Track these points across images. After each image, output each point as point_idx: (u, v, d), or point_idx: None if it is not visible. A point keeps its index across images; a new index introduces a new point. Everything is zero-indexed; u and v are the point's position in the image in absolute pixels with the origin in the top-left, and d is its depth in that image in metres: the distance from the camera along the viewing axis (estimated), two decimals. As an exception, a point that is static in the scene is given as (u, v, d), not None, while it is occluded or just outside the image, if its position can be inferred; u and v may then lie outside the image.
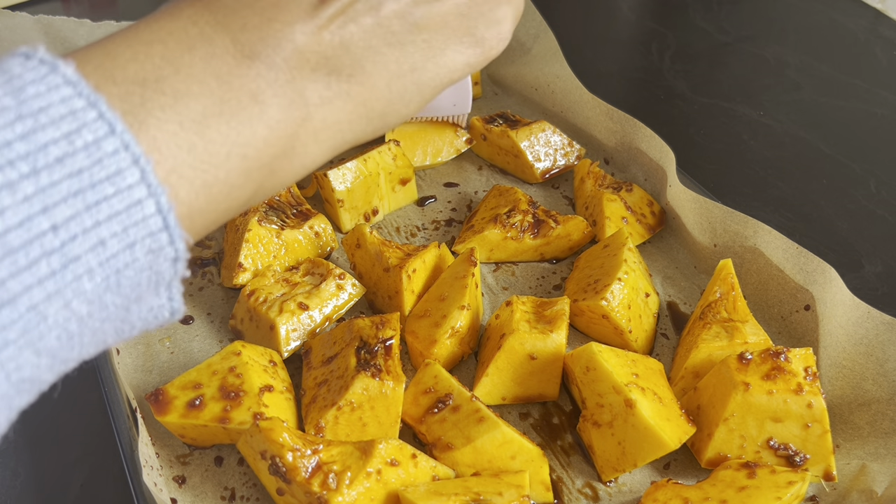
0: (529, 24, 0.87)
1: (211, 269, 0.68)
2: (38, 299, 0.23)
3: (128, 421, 0.53)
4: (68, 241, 0.24)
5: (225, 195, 0.30)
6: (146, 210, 0.26)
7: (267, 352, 0.57)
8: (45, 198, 0.23)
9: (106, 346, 0.28)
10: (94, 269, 0.25)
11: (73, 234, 0.24)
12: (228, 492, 0.52)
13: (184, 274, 0.28)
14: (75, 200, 0.24)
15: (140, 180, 0.25)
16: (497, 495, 0.47)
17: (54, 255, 0.23)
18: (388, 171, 0.71)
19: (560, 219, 0.69)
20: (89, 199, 0.24)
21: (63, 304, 0.24)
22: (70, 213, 0.24)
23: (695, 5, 1.08)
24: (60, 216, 0.24)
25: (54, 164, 0.24)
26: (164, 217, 0.26)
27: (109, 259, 0.25)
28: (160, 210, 0.26)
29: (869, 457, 0.52)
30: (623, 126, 0.75)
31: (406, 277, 0.60)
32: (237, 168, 0.30)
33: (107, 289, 0.25)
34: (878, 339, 0.55)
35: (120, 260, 0.25)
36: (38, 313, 0.23)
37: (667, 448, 0.50)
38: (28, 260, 0.23)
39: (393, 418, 0.53)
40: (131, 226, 0.25)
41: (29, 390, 0.25)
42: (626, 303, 0.60)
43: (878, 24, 1.02)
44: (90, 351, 0.27)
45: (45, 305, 0.24)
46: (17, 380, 0.24)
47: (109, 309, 0.26)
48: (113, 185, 0.25)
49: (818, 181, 0.79)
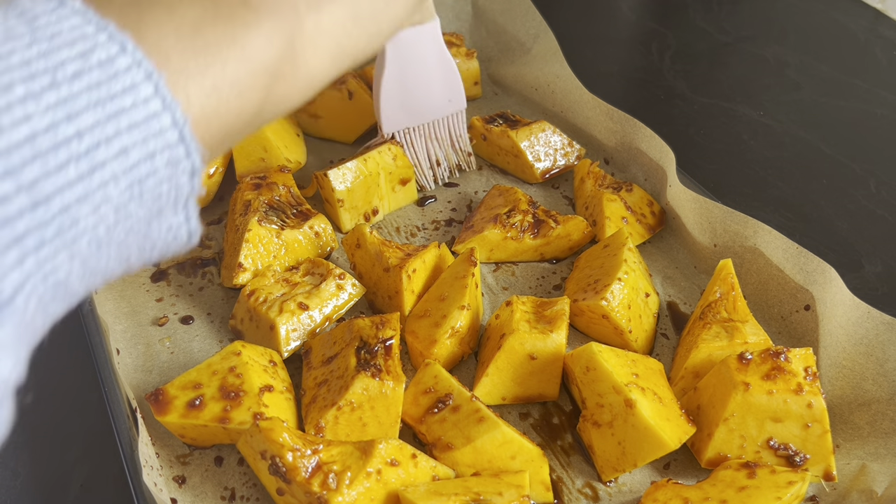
0: (529, 24, 0.87)
1: (211, 269, 0.68)
2: (69, 201, 0.25)
3: (128, 421, 0.53)
4: (93, 147, 0.25)
5: (236, 97, 0.31)
6: (163, 122, 0.27)
7: (267, 352, 0.57)
8: (68, 107, 0.25)
9: (129, 266, 0.29)
10: (118, 177, 0.26)
11: (96, 141, 0.25)
12: (228, 492, 0.52)
13: (200, 191, 0.30)
14: (96, 110, 0.25)
15: (154, 94, 0.27)
16: (497, 495, 0.47)
17: (82, 160, 0.25)
18: (388, 171, 0.71)
19: (560, 219, 0.69)
20: (109, 110, 0.26)
21: (92, 209, 0.25)
22: (92, 120, 0.25)
23: (695, 5, 1.08)
24: (84, 123, 0.25)
25: (73, 78, 0.25)
26: (180, 130, 0.27)
27: (132, 168, 0.26)
28: (175, 123, 0.27)
29: (869, 457, 0.52)
30: (623, 126, 0.75)
31: (406, 277, 0.60)
32: (241, 71, 0.31)
33: (131, 197, 0.27)
34: (878, 339, 0.55)
35: (142, 169, 0.27)
36: (70, 216, 0.25)
37: (667, 448, 0.50)
38: (57, 163, 0.24)
39: (393, 418, 0.53)
40: (150, 136, 0.27)
41: (62, 298, 0.26)
42: (626, 303, 0.60)
43: (878, 24, 1.02)
44: (115, 267, 0.28)
45: (77, 208, 0.25)
46: (53, 283, 0.25)
47: (133, 219, 0.27)
48: (130, 98, 0.26)
49: (818, 181, 0.79)
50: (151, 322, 0.63)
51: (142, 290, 0.66)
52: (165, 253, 0.31)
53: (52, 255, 0.25)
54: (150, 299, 0.65)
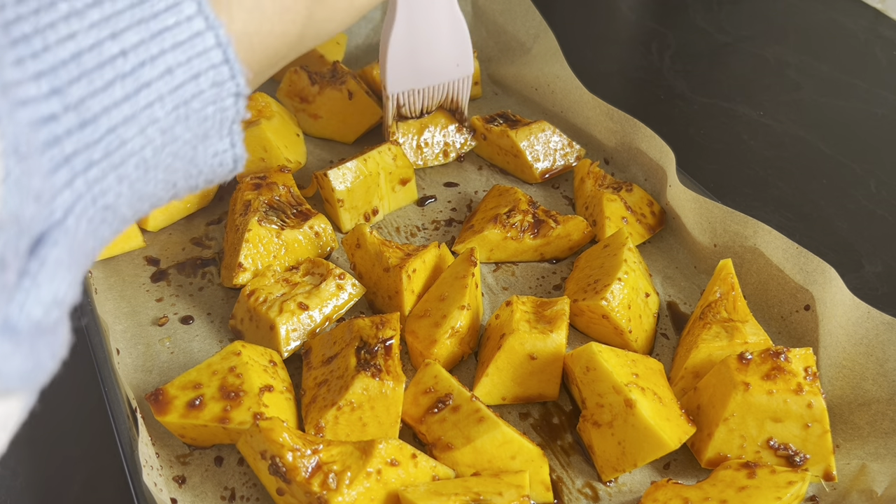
0: (529, 24, 0.87)
1: (211, 269, 0.68)
2: (116, 121, 0.24)
3: (128, 421, 0.53)
4: (138, 66, 0.25)
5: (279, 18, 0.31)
6: (207, 42, 0.26)
7: (267, 352, 0.57)
8: (112, 25, 0.24)
9: (176, 192, 0.29)
10: (164, 97, 0.25)
11: (141, 60, 0.25)
12: (228, 492, 0.52)
13: (244, 115, 0.29)
14: (140, 28, 0.25)
15: (198, 12, 0.26)
16: (497, 495, 0.47)
17: (128, 79, 0.24)
18: (388, 170, 0.71)
19: (560, 219, 0.69)
20: (153, 28, 0.25)
21: (139, 130, 0.25)
22: (137, 39, 0.25)
23: (695, 5, 1.08)
24: (128, 42, 0.24)
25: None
26: (224, 50, 0.27)
27: (177, 88, 0.26)
28: (220, 43, 0.27)
29: (869, 457, 0.52)
30: (623, 126, 0.75)
31: (406, 277, 0.60)
32: None
33: (177, 119, 0.26)
34: (878, 339, 0.55)
35: (187, 90, 0.26)
36: (117, 136, 0.24)
37: (667, 448, 0.50)
38: (104, 81, 0.24)
39: (393, 418, 0.53)
40: (195, 56, 0.26)
41: (111, 223, 0.26)
42: (626, 303, 0.60)
43: (878, 24, 1.02)
44: (162, 193, 0.28)
45: (124, 129, 0.24)
46: (102, 206, 0.25)
47: (179, 143, 0.27)
48: (173, 16, 0.25)
49: (818, 181, 0.79)
50: (151, 322, 0.63)
51: (142, 290, 0.66)
52: (212, 179, 0.30)
53: (101, 176, 0.24)
54: (150, 299, 0.65)
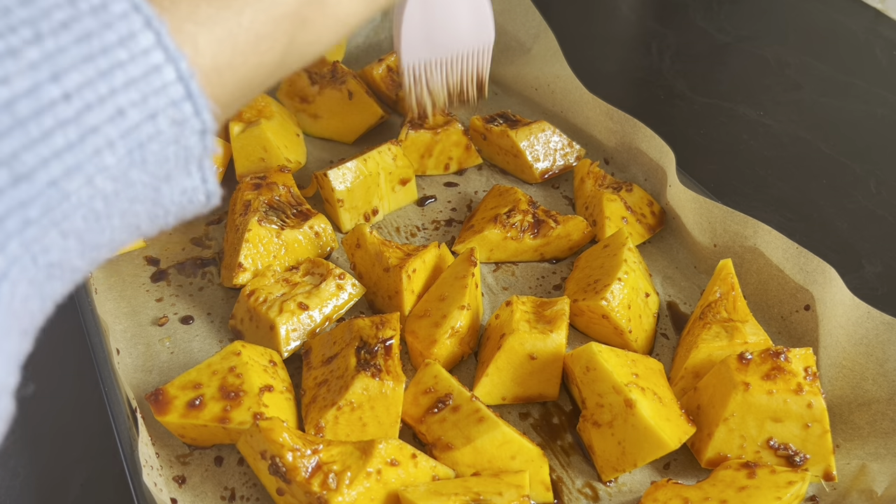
0: (529, 24, 0.87)
1: (211, 269, 0.68)
2: (56, 174, 0.22)
3: (128, 421, 0.53)
4: (83, 110, 0.22)
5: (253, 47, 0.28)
6: (166, 77, 0.24)
7: (267, 352, 0.57)
8: (53, 64, 0.22)
9: (140, 232, 0.26)
10: (115, 142, 0.23)
11: (87, 103, 0.22)
12: (228, 492, 0.52)
13: (214, 150, 0.26)
14: (86, 67, 0.22)
15: (155, 44, 0.23)
16: (497, 495, 0.47)
17: (70, 126, 0.22)
18: (388, 171, 0.71)
19: (560, 219, 0.69)
20: (102, 66, 0.22)
21: (85, 181, 0.23)
22: (82, 80, 0.22)
23: (695, 5, 1.07)
24: (72, 83, 0.22)
25: (59, 28, 0.22)
26: (186, 84, 0.24)
27: (131, 131, 0.23)
28: (181, 77, 0.24)
29: (869, 457, 0.52)
30: (623, 126, 0.75)
31: (406, 277, 0.60)
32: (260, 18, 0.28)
33: (131, 164, 0.24)
34: (878, 339, 0.55)
35: (142, 132, 0.24)
36: (58, 190, 0.22)
37: (667, 448, 0.50)
38: (41, 130, 0.21)
39: (393, 418, 0.53)
40: (151, 94, 0.24)
41: (61, 277, 0.24)
42: (626, 303, 0.60)
43: (878, 24, 1.02)
44: (123, 237, 0.26)
45: (66, 181, 0.22)
46: (46, 263, 0.23)
47: (137, 188, 0.24)
48: (126, 50, 0.23)
49: (818, 181, 0.79)
50: (151, 322, 0.63)
51: (142, 290, 0.66)
52: (182, 217, 0.28)
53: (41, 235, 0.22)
54: (150, 299, 0.65)
